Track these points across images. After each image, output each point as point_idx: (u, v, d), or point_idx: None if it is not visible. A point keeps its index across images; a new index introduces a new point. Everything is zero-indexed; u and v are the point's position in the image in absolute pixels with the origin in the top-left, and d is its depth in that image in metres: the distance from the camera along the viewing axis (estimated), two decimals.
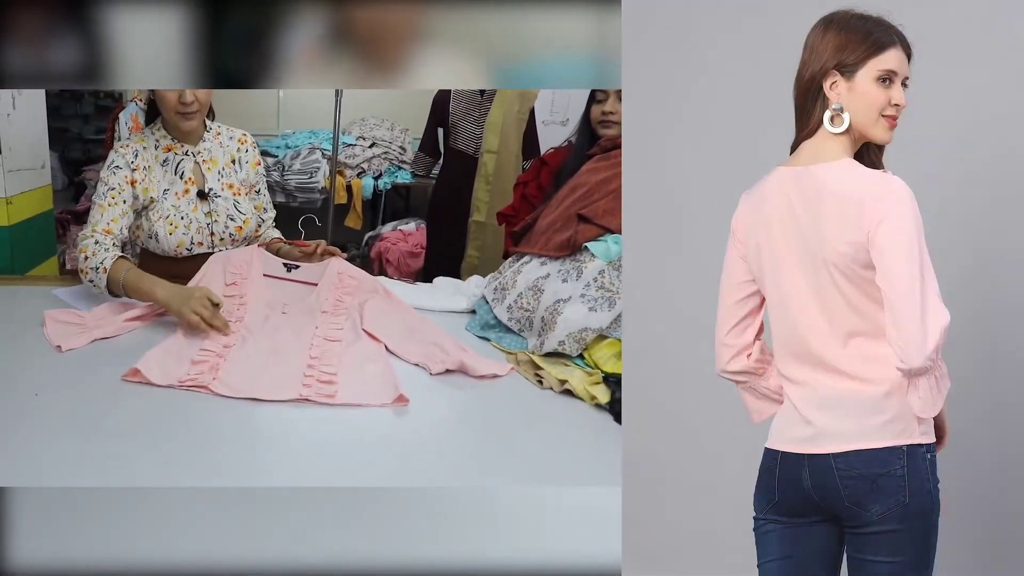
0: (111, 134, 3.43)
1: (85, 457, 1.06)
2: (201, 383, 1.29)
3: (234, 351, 1.43)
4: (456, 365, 1.40)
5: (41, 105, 2.82)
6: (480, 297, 1.72)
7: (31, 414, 1.18)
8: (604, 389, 1.27)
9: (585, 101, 2.03)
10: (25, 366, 1.36)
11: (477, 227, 2.94)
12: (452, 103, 3.12)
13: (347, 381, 1.31)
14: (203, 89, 1.74)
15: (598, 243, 1.53)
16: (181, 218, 1.81)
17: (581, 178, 1.75)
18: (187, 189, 1.83)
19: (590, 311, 1.41)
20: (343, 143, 4.20)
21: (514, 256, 1.75)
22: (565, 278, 1.51)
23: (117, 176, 1.79)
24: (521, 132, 2.98)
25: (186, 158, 1.84)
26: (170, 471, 1.05)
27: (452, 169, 3.17)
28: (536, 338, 1.48)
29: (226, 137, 1.92)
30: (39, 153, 2.80)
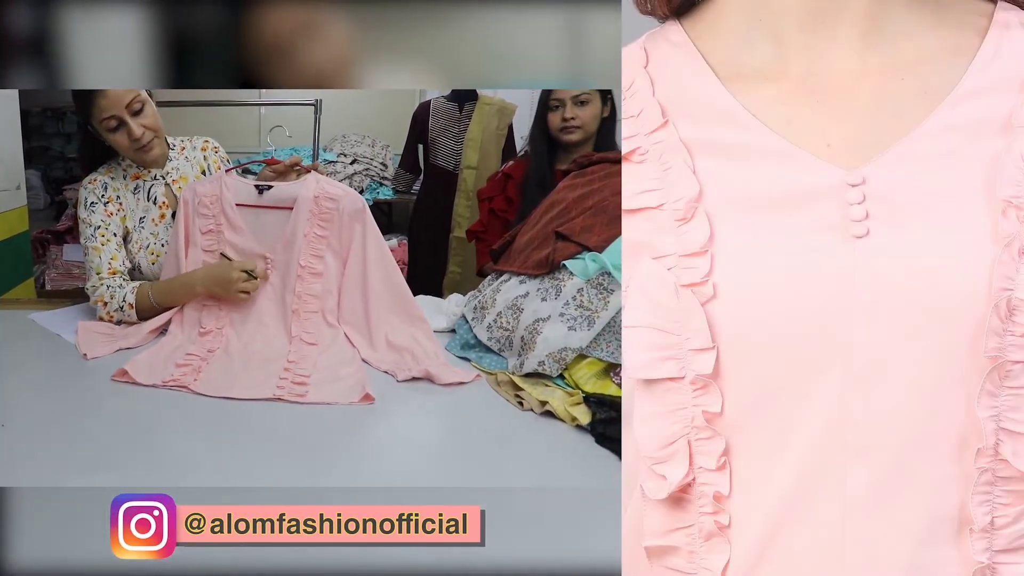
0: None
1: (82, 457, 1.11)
2: (183, 384, 1.37)
3: (218, 355, 1.51)
4: (422, 374, 1.46)
5: (16, 125, 2.80)
6: (460, 316, 1.72)
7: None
8: (585, 410, 1.26)
9: None
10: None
11: (458, 243, 2.93)
12: (431, 119, 3.13)
13: (319, 382, 1.40)
14: (146, 117, 1.70)
15: (576, 261, 1.53)
16: (161, 245, 1.79)
17: (558, 195, 1.75)
18: (163, 214, 1.81)
19: (569, 330, 1.41)
20: (325, 160, 4.19)
21: (493, 274, 1.74)
22: (544, 297, 1.51)
23: (96, 213, 1.76)
24: (500, 148, 3.00)
25: (155, 182, 1.81)
26: (169, 471, 1.10)
27: (432, 185, 3.17)
28: (516, 358, 1.48)
29: (191, 148, 1.90)
30: (15, 174, 2.78)
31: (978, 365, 0.63)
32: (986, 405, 0.63)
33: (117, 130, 1.68)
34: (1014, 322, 0.63)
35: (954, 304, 0.63)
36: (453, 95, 3.11)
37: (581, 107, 2.12)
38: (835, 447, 0.65)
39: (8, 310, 1.90)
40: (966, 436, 0.64)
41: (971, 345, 0.63)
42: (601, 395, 1.30)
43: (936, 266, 0.63)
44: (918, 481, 0.65)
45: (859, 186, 0.65)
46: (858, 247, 0.64)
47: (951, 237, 0.64)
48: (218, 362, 1.49)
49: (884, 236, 0.64)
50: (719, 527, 0.69)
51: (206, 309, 1.63)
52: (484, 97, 3.07)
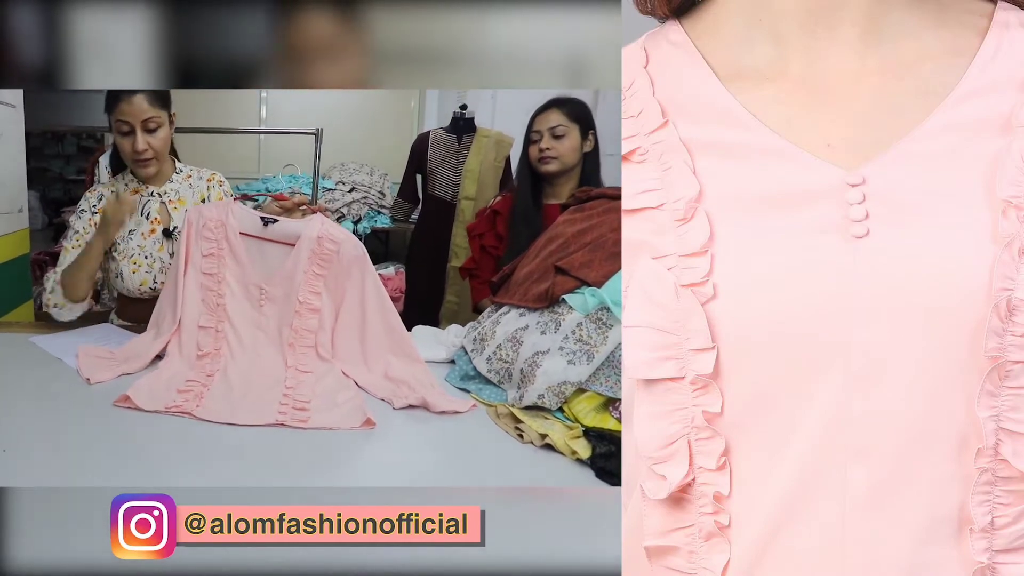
0: (90, 178, 3.44)
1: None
2: (185, 410, 1.40)
3: (217, 380, 1.54)
4: (418, 401, 1.49)
5: (21, 148, 2.82)
6: (459, 347, 1.73)
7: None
8: (585, 444, 1.28)
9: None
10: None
11: (456, 273, 2.96)
12: (430, 150, 3.17)
13: (318, 408, 1.43)
14: (155, 138, 1.83)
15: (575, 295, 1.55)
16: (145, 257, 1.87)
17: (557, 229, 1.78)
18: (153, 229, 1.89)
19: (569, 364, 1.43)
20: (323, 187, 4.22)
21: (493, 306, 1.76)
22: (544, 330, 1.53)
23: (82, 220, 1.89)
24: (498, 180, 3.04)
25: (152, 199, 1.91)
26: (167, 472, 1.12)
27: (431, 215, 3.20)
28: (515, 391, 1.50)
29: (196, 178, 1.98)
30: (18, 197, 2.79)
31: (978, 365, 0.63)
32: (986, 405, 0.63)
33: (126, 136, 1.82)
34: (1014, 322, 0.63)
35: (954, 304, 0.63)
36: (452, 127, 3.16)
37: (557, 140, 2.19)
38: (835, 447, 0.65)
39: (6, 333, 1.91)
40: (966, 436, 0.64)
41: (971, 345, 0.63)
42: (601, 429, 1.31)
43: (936, 266, 0.63)
44: (918, 481, 0.65)
45: (859, 186, 0.65)
46: (858, 247, 0.64)
47: (951, 237, 0.63)
48: (218, 388, 1.52)
49: (884, 236, 0.64)
50: (719, 527, 0.69)
51: (203, 331, 1.67)
52: (482, 130, 3.12)
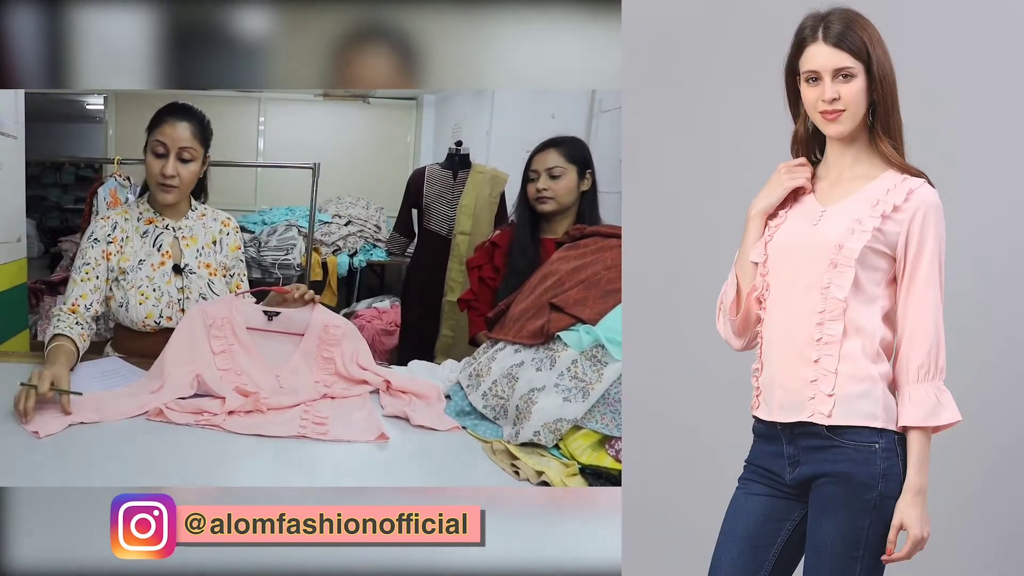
0: (88, 209, 3.45)
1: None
2: (214, 423, 1.49)
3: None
4: (400, 413, 1.60)
5: (21, 179, 2.84)
6: (455, 383, 1.75)
7: None
8: (581, 481, 1.29)
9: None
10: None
11: (451, 307, 2.98)
12: (426, 186, 3.22)
13: (335, 422, 1.53)
14: (186, 168, 1.83)
15: (570, 332, 1.57)
16: (153, 289, 1.85)
17: (552, 266, 1.80)
18: (163, 262, 1.88)
19: (564, 401, 1.44)
20: (319, 220, 4.26)
21: (489, 341, 1.78)
22: (539, 367, 1.55)
23: (94, 250, 1.86)
24: (493, 215, 3.08)
25: (165, 232, 1.90)
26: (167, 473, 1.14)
27: (426, 249, 3.23)
28: (511, 427, 1.51)
29: (210, 218, 1.97)
30: (16, 227, 2.81)
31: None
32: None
33: (159, 157, 1.83)
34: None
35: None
36: (447, 162, 3.21)
37: (554, 180, 2.23)
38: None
39: (4, 362, 1.91)
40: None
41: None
42: (597, 467, 1.33)
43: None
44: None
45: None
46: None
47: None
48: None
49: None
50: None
51: (225, 375, 1.69)
52: (477, 166, 3.17)
